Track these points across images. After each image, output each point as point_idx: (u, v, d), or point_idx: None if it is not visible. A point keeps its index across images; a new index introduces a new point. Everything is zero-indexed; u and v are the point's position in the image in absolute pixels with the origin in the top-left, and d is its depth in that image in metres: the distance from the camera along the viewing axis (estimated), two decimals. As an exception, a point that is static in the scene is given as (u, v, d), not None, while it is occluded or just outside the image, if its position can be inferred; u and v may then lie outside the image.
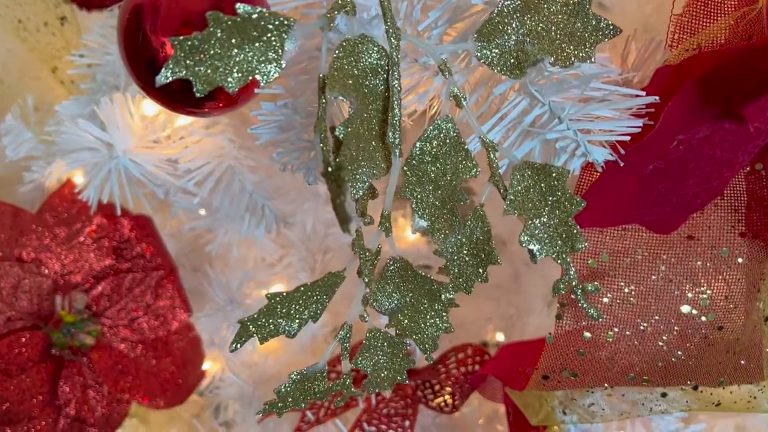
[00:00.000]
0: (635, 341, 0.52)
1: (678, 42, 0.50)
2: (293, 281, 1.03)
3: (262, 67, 0.39)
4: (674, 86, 0.43)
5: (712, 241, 0.52)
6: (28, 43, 0.84)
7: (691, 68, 0.43)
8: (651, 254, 0.52)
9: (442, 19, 0.47)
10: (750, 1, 0.50)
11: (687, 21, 0.51)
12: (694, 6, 0.51)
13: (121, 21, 0.50)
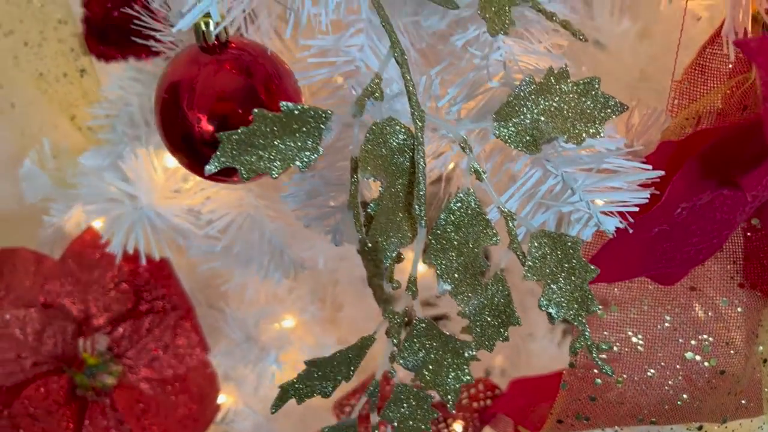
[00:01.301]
0: (643, 386, 0.56)
1: (678, 108, 0.54)
2: (304, 314, 1.06)
3: (302, 155, 0.43)
4: (677, 159, 0.46)
5: (712, 291, 0.55)
6: (48, 95, 0.87)
7: (692, 144, 0.47)
8: (656, 305, 0.55)
9: (460, 95, 0.50)
10: (743, 70, 0.54)
11: (686, 87, 0.54)
12: (692, 73, 0.55)
13: (159, 95, 0.53)
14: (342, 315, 1.06)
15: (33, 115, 0.87)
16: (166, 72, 0.53)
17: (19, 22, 0.81)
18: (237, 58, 0.52)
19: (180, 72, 0.52)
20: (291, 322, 1.05)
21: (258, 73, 0.52)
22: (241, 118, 0.52)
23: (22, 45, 0.81)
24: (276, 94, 0.53)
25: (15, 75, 0.84)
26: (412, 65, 0.49)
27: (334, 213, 0.54)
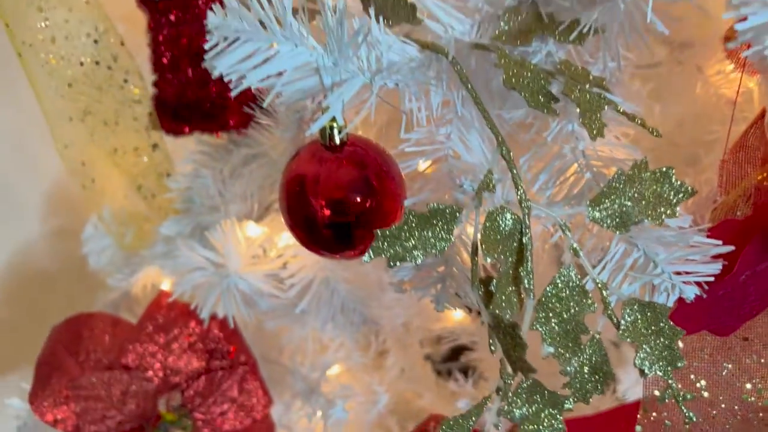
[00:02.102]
0: (707, 426, 0.64)
1: (726, 185, 0.63)
2: (348, 362, 1.12)
3: (439, 244, 0.50)
4: (741, 235, 0.55)
5: (763, 339, 0.64)
6: (120, 168, 0.93)
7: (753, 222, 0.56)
8: (716, 353, 0.64)
9: (550, 181, 0.59)
10: (779, 150, 0.63)
11: (730, 168, 0.64)
12: (737, 154, 0.64)
13: (285, 183, 0.60)
14: (387, 362, 1.12)
15: (106, 186, 0.93)
16: (292, 164, 0.60)
17: (97, 103, 0.87)
18: (353, 153, 0.59)
19: (305, 166, 0.59)
20: (336, 369, 1.11)
21: (370, 164, 0.60)
22: (356, 203, 0.59)
23: (101, 124, 0.88)
24: (385, 180, 0.61)
25: (93, 151, 0.90)
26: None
27: (438, 282, 0.61)
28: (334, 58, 0.55)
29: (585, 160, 0.60)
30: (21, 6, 0.75)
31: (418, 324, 1.11)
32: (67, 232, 1.35)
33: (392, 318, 0.96)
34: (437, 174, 0.64)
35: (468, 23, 0.62)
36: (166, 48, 0.88)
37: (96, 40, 0.81)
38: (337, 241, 0.60)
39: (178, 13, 0.87)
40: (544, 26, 0.59)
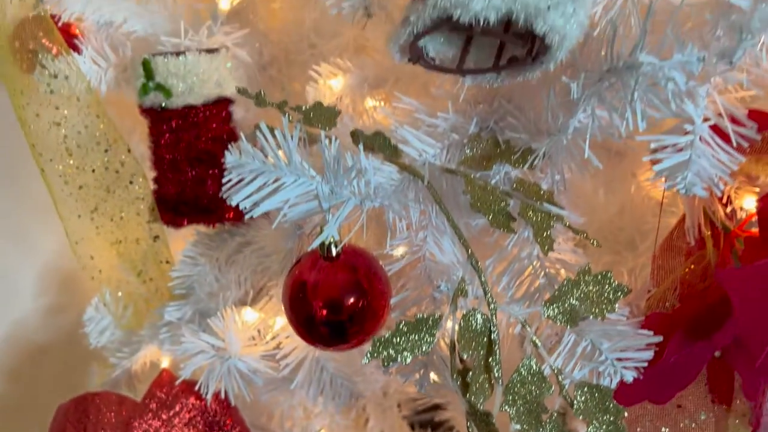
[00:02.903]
0: (651, 482, 0.75)
1: (657, 279, 0.76)
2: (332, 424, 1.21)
3: (424, 345, 0.61)
4: (667, 326, 0.67)
5: (694, 404, 0.76)
6: (123, 257, 1.02)
7: (677, 315, 0.68)
8: (656, 419, 0.75)
9: (511, 281, 0.70)
10: (699, 246, 0.76)
11: (660, 263, 0.76)
12: (665, 250, 0.77)
13: (288, 287, 0.70)
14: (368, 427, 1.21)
15: (111, 273, 1.02)
16: (294, 270, 0.70)
17: (104, 202, 0.97)
18: (346, 261, 0.70)
19: (306, 273, 0.70)
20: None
21: (361, 268, 0.71)
22: (349, 304, 0.70)
23: (108, 220, 0.97)
24: (374, 281, 0.71)
25: (99, 244, 0.99)
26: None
27: (420, 368, 0.72)
28: (331, 187, 0.66)
29: (540, 262, 0.71)
30: (43, 125, 0.84)
31: (396, 387, 1.21)
32: (61, 308, 1.42)
33: (372, 383, 1.05)
34: (417, 273, 0.75)
35: (438, 147, 0.74)
36: (167, 151, 0.98)
37: (107, 150, 0.91)
38: (333, 337, 0.71)
39: (178, 121, 0.97)
40: (501, 154, 0.71)
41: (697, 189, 0.60)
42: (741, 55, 0.53)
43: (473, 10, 0.54)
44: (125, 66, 1.05)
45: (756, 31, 0.52)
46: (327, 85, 0.93)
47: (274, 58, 1.14)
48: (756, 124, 0.59)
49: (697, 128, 0.60)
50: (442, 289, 0.70)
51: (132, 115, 1.02)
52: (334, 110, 0.71)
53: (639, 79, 0.56)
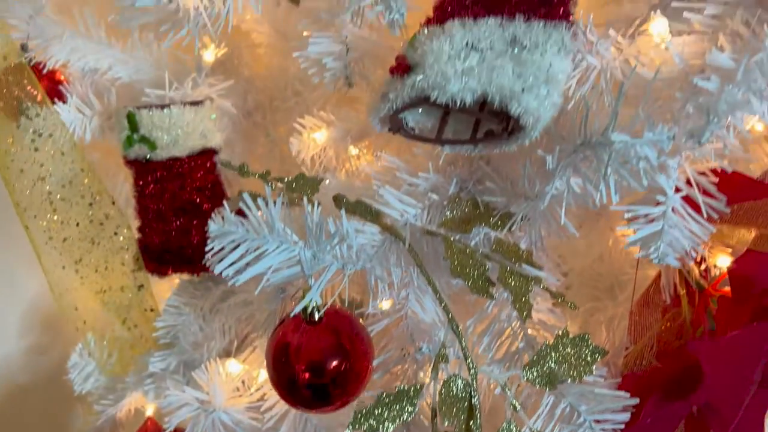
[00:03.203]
0: None
1: (635, 336, 0.77)
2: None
3: (405, 415, 0.62)
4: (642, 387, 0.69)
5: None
6: (107, 306, 1.02)
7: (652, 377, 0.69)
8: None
9: (492, 342, 0.71)
10: (675, 303, 0.77)
11: (637, 319, 0.78)
12: (641, 303, 0.78)
13: (271, 349, 0.71)
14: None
15: (93, 322, 1.02)
16: (278, 332, 0.71)
17: (89, 254, 0.97)
18: (329, 323, 0.71)
19: (289, 336, 0.71)
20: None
21: (343, 331, 0.72)
22: (332, 367, 0.70)
23: (92, 272, 0.97)
24: (356, 343, 0.72)
25: (83, 294, 0.99)
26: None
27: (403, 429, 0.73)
28: (313, 252, 0.67)
29: (519, 323, 0.73)
30: (27, 182, 0.85)
31: None
32: (44, 348, 1.42)
33: None
34: (399, 332, 0.76)
35: (419, 207, 0.75)
36: (151, 201, 0.99)
37: (91, 203, 0.91)
38: (315, 399, 0.71)
39: (163, 172, 0.98)
40: (481, 217, 0.72)
41: (670, 259, 0.62)
42: (709, 136, 0.55)
43: (450, 92, 0.56)
44: (110, 113, 1.06)
45: (723, 113, 0.54)
46: (311, 138, 0.94)
47: (259, 104, 1.15)
48: (725, 197, 0.61)
49: (669, 199, 0.62)
50: (424, 350, 0.71)
51: (116, 155, 1.03)
52: (317, 180, 0.72)
53: (612, 155, 0.58)
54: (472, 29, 0.57)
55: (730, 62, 0.58)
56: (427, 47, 0.58)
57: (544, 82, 0.56)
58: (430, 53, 0.57)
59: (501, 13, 0.57)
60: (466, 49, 0.57)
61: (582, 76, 0.64)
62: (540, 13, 0.56)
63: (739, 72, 0.55)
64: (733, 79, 0.56)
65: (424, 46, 0.58)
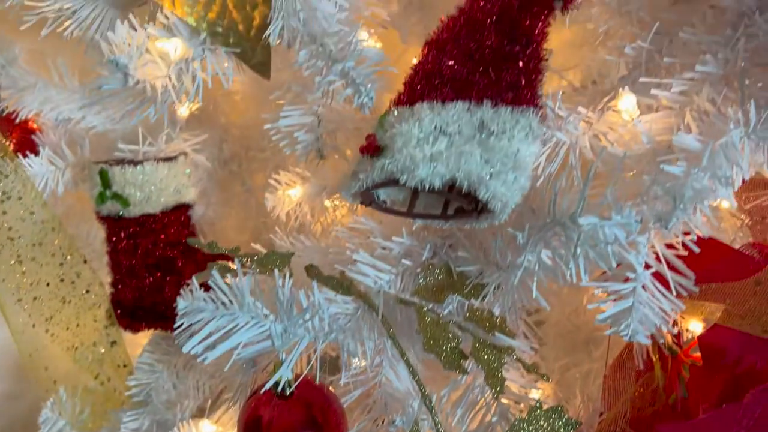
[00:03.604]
0: None
1: (609, 401, 0.77)
2: None
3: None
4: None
5: None
6: (80, 363, 1.01)
7: None
8: None
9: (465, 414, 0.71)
10: (648, 367, 0.78)
11: (611, 383, 0.78)
12: (615, 368, 0.78)
13: (242, 422, 0.70)
14: None
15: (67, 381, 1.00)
16: (250, 403, 0.70)
17: (59, 312, 0.96)
18: (301, 396, 0.70)
19: (260, 410, 0.70)
20: None
21: (316, 404, 0.71)
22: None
23: (63, 330, 0.96)
24: (328, 415, 0.71)
25: (54, 353, 0.97)
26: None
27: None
28: (284, 326, 0.66)
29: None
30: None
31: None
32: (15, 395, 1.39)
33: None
34: (372, 402, 0.76)
35: (393, 273, 0.75)
36: (124, 257, 0.98)
37: (62, 263, 0.90)
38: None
39: (136, 228, 0.97)
40: (454, 286, 0.72)
41: (641, 337, 0.62)
42: (675, 222, 0.55)
43: (418, 176, 0.56)
44: (83, 165, 1.05)
45: (689, 200, 0.54)
46: (286, 195, 0.94)
47: (235, 153, 1.15)
48: (694, 275, 0.61)
49: (639, 276, 0.62)
50: (398, 423, 0.70)
51: (90, 200, 1.01)
52: (287, 255, 0.72)
53: (581, 236, 0.58)
54: (440, 113, 0.57)
55: (696, 144, 0.58)
56: (396, 130, 0.58)
57: (511, 168, 0.56)
58: (399, 136, 0.57)
59: (469, 98, 0.57)
60: (434, 132, 0.57)
61: (552, 152, 0.65)
62: (507, 98, 0.57)
63: (704, 157, 0.56)
64: (699, 162, 0.56)
65: (393, 129, 0.58)
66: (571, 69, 1.35)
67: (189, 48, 0.61)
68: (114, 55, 0.56)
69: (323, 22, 0.61)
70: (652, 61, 0.69)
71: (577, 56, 1.27)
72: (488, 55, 0.58)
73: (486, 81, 0.57)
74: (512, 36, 0.58)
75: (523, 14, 0.59)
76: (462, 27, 0.60)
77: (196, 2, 0.59)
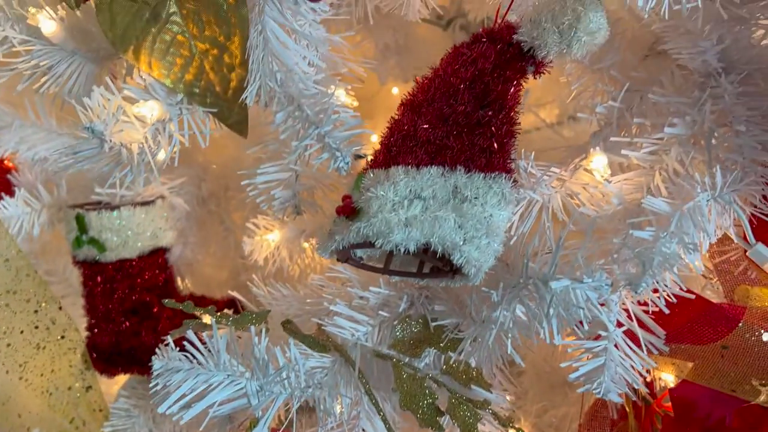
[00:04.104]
0: None
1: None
2: None
3: None
4: None
5: None
6: (55, 408, 0.99)
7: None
8: None
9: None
10: (622, 416, 0.78)
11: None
12: (590, 416, 0.79)
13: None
14: None
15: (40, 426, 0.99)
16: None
17: (33, 359, 0.95)
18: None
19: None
20: None
21: (292, 459, 0.71)
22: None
23: (38, 376, 0.95)
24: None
25: (28, 399, 0.96)
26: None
27: None
28: (260, 384, 0.66)
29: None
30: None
31: None
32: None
33: None
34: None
35: (370, 325, 0.75)
36: (101, 302, 0.97)
37: (36, 310, 0.89)
38: None
39: (112, 272, 0.96)
40: (431, 339, 0.73)
41: (613, 395, 0.63)
42: (645, 287, 0.56)
43: (394, 241, 0.57)
44: (60, 205, 1.04)
45: (658, 266, 0.56)
46: (264, 239, 0.94)
47: (213, 193, 1.15)
48: (664, 333, 0.62)
49: (610, 334, 0.63)
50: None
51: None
52: (264, 314, 0.72)
53: (553, 297, 0.59)
54: (415, 177, 0.58)
55: (666, 207, 0.60)
56: (372, 193, 0.58)
57: (485, 233, 0.57)
58: (374, 200, 0.58)
59: (443, 163, 0.58)
60: (409, 196, 0.58)
61: (525, 210, 0.66)
62: (480, 164, 0.58)
63: (673, 222, 0.57)
64: (668, 226, 0.58)
65: (369, 192, 0.59)
66: (547, 104, 1.37)
67: (166, 110, 0.61)
68: (90, 122, 0.57)
69: (300, 84, 0.62)
70: (623, 118, 0.70)
71: (553, 91, 1.30)
72: (462, 120, 0.59)
73: (459, 145, 0.58)
74: (485, 101, 0.59)
75: (496, 79, 0.60)
76: (437, 90, 0.61)
77: (173, 64, 0.60)
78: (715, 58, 0.66)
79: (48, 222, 1.04)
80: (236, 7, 0.57)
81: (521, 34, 0.60)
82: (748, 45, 0.66)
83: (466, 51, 0.62)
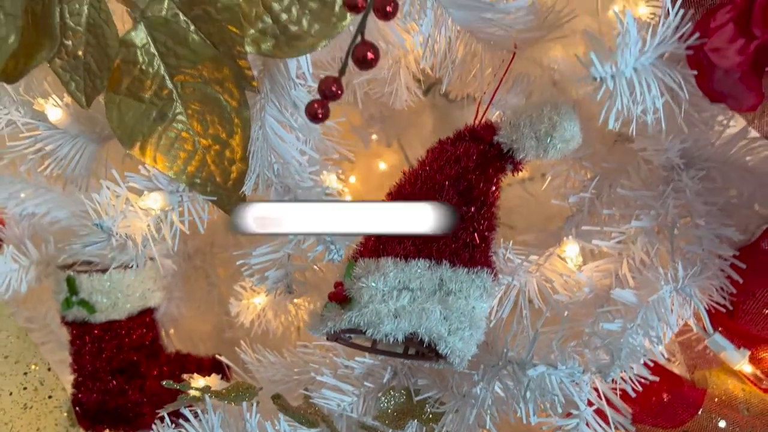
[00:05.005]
0: None
1: None
2: None
3: None
4: None
5: None
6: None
7: None
8: None
9: None
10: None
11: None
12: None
13: None
14: None
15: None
16: None
17: (19, 418, 0.96)
18: None
19: None
20: None
21: None
22: None
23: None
24: None
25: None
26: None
27: None
28: (251, 457, 0.69)
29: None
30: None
31: None
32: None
33: None
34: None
35: (355, 395, 0.79)
36: (89, 361, 0.99)
37: (26, 372, 0.91)
38: None
39: (101, 333, 0.98)
40: (414, 412, 0.77)
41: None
42: (613, 375, 0.61)
43: (383, 331, 0.61)
44: (48, 261, 1.06)
45: (625, 357, 0.61)
46: (250, 302, 0.97)
47: (199, 249, 1.17)
48: (631, 412, 0.67)
49: (581, 413, 0.68)
50: None
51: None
52: (254, 389, 0.75)
53: (530, 381, 0.64)
54: (404, 269, 0.62)
55: (633, 299, 0.65)
56: (363, 283, 0.62)
57: (468, 325, 0.61)
58: (365, 290, 0.62)
59: (430, 256, 0.63)
60: (398, 287, 0.62)
61: (503, 294, 0.70)
62: (464, 258, 0.62)
63: (638, 315, 0.62)
64: (634, 317, 0.63)
65: (360, 282, 0.63)
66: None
67: (168, 200, 0.64)
68: (99, 218, 0.60)
69: (296, 176, 0.66)
70: (593, 206, 0.76)
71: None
72: (447, 215, 0.64)
73: (445, 240, 0.63)
74: (468, 198, 0.64)
75: (479, 177, 0.65)
76: (423, 184, 0.66)
77: (176, 158, 0.63)
78: (677, 155, 0.72)
79: (36, 278, 1.06)
80: (239, 110, 0.61)
81: (501, 137, 0.66)
82: (707, 144, 0.72)
83: (450, 148, 0.67)
